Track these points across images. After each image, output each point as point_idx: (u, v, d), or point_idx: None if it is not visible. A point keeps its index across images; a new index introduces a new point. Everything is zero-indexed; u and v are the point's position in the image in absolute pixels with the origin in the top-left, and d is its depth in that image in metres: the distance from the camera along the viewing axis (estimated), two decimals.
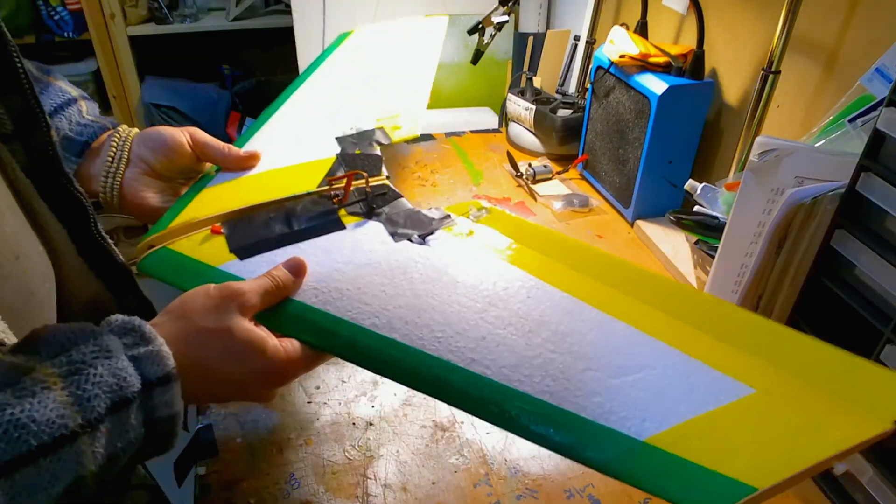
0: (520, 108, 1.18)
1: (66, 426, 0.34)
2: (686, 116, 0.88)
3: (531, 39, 1.56)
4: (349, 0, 1.59)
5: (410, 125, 0.74)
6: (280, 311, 0.50)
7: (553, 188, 1.06)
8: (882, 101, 0.51)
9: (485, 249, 0.56)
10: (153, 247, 0.57)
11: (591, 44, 1.18)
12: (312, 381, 0.68)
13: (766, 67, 0.76)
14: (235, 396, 0.48)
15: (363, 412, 0.65)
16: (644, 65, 0.90)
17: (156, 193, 0.61)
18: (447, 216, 0.59)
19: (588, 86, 1.05)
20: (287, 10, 1.80)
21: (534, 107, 1.15)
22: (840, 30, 0.73)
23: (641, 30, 0.99)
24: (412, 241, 0.57)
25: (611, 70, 0.96)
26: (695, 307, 0.49)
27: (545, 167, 1.08)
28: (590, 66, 1.10)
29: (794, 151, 0.58)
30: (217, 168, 0.65)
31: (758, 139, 0.60)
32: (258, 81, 2.43)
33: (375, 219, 0.60)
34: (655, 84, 0.86)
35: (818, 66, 0.77)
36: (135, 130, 0.62)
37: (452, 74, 1.70)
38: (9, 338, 0.37)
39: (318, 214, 0.60)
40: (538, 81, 1.25)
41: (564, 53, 1.40)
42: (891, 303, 0.48)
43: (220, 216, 0.59)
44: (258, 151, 0.65)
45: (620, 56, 0.91)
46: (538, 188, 1.05)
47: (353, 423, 0.63)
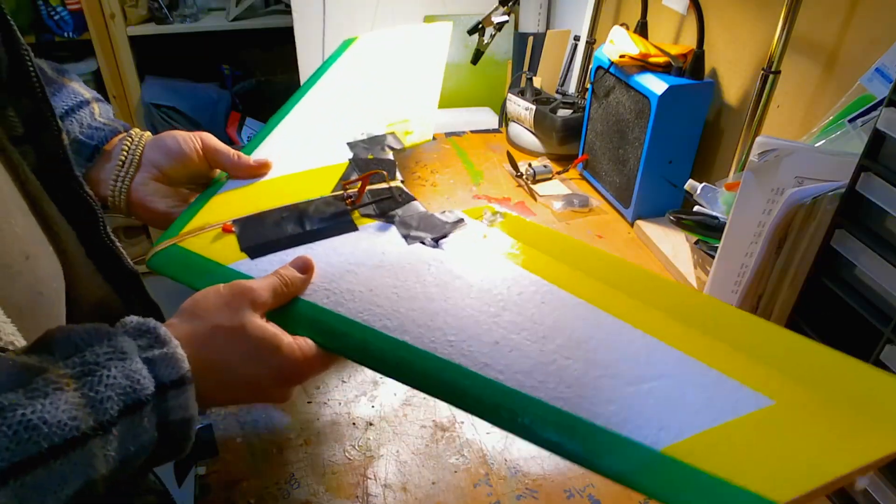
0: (520, 108, 1.18)
1: (78, 428, 0.33)
2: (686, 116, 0.88)
3: (531, 39, 1.56)
4: (349, 0, 1.59)
5: (422, 129, 0.75)
6: (292, 312, 0.50)
7: (553, 188, 1.06)
8: (882, 101, 0.51)
9: (499, 254, 0.55)
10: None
11: (591, 44, 1.18)
12: (312, 382, 0.68)
13: (766, 67, 0.76)
14: (252, 397, 0.47)
15: (363, 412, 0.65)
16: (644, 65, 0.90)
17: (164, 198, 0.61)
18: (461, 220, 0.59)
19: (588, 86, 1.05)
20: (287, 10, 1.80)
21: (534, 107, 1.15)
22: (840, 30, 0.73)
23: (641, 30, 0.99)
24: (425, 244, 0.57)
25: (611, 70, 0.96)
26: (710, 316, 0.48)
27: (545, 167, 1.08)
28: (590, 66, 1.10)
29: (794, 151, 0.58)
30: (227, 174, 0.65)
31: (758, 139, 0.60)
32: (258, 81, 2.43)
33: (388, 221, 0.59)
34: (655, 84, 0.86)
35: (818, 66, 0.77)
36: (147, 135, 0.62)
37: (452, 74, 1.70)
38: (17, 339, 0.37)
39: (331, 215, 0.60)
40: (538, 81, 1.25)
41: (564, 53, 1.40)
42: (891, 303, 0.48)
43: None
44: (269, 160, 0.65)
45: (620, 56, 0.91)
46: (538, 188, 1.05)
47: (353, 423, 0.63)
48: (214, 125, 2.19)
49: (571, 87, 1.34)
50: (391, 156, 0.70)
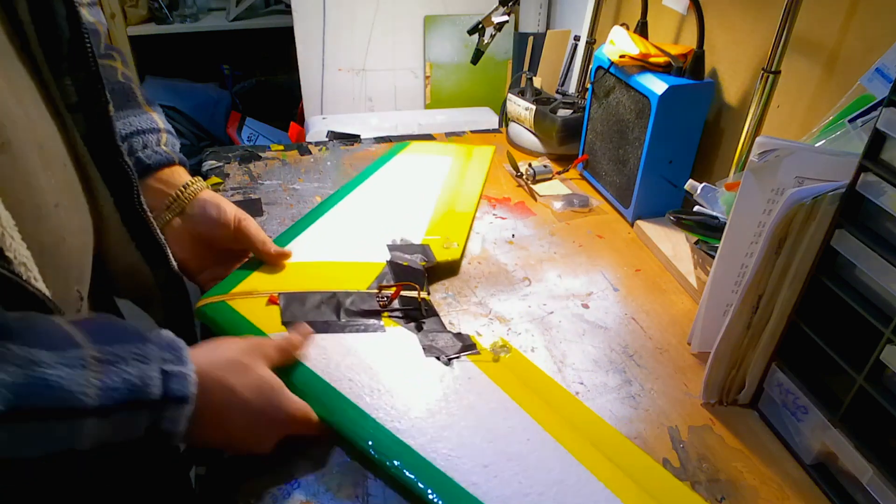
0: (520, 108, 1.18)
1: (83, 402, 0.38)
2: (686, 116, 0.88)
3: (531, 39, 1.56)
4: (349, 0, 1.59)
5: (453, 247, 0.85)
6: (313, 393, 0.57)
7: (553, 188, 1.06)
8: (882, 101, 0.51)
9: (498, 386, 0.61)
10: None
11: (591, 44, 1.18)
12: None
13: (766, 67, 0.76)
14: (242, 433, 0.52)
15: None
16: (644, 65, 0.90)
17: (184, 251, 0.68)
18: (472, 345, 0.66)
19: (588, 86, 1.05)
20: (287, 10, 1.81)
21: (534, 107, 1.15)
22: (840, 30, 0.73)
23: (641, 30, 0.99)
24: (439, 360, 0.64)
25: (611, 70, 0.96)
26: (664, 489, 0.53)
27: (545, 167, 1.08)
28: (590, 66, 1.10)
29: (794, 151, 0.58)
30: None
31: (758, 139, 0.60)
32: (258, 81, 2.43)
33: (413, 331, 0.67)
34: (655, 84, 0.86)
35: (818, 66, 0.77)
36: (204, 190, 0.69)
37: (452, 74, 1.70)
38: (34, 275, 0.41)
39: (364, 312, 0.68)
40: (538, 81, 1.25)
41: (564, 53, 1.41)
42: (891, 303, 0.48)
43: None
44: (289, 251, 0.74)
45: (620, 56, 0.91)
46: (538, 188, 1.05)
47: None
48: (214, 125, 2.19)
49: (571, 87, 1.34)
50: (422, 267, 0.78)
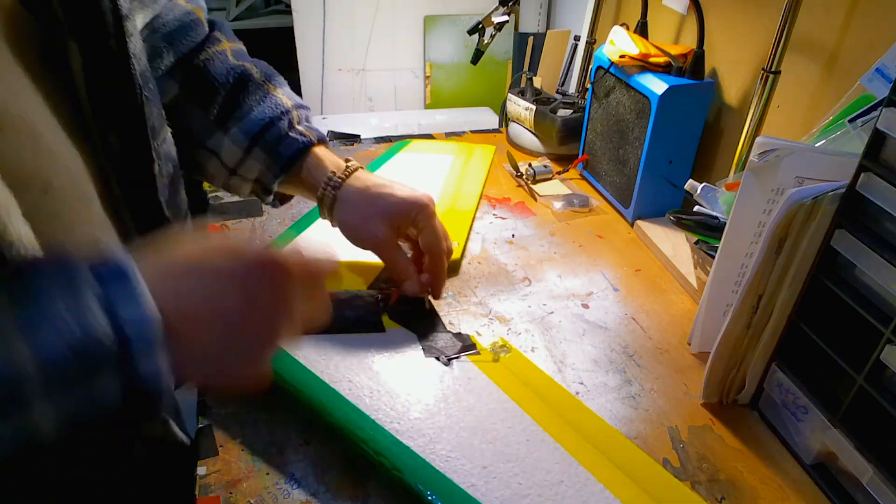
0: (520, 108, 1.18)
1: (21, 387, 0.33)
2: (686, 116, 0.88)
3: (531, 39, 1.56)
4: (349, 0, 1.59)
5: (454, 246, 0.82)
6: (313, 393, 0.56)
7: (553, 188, 1.06)
8: (882, 101, 0.51)
9: (498, 387, 0.61)
10: None
11: (591, 44, 1.18)
12: None
13: (766, 67, 0.76)
14: (221, 344, 0.41)
15: None
16: (644, 65, 0.90)
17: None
18: (472, 345, 0.66)
19: (588, 86, 1.05)
20: (287, 10, 1.81)
21: (534, 107, 1.15)
22: (840, 30, 0.73)
23: (641, 30, 0.99)
24: (439, 360, 0.64)
25: (611, 70, 0.96)
26: (665, 489, 0.53)
27: (545, 167, 1.08)
28: (590, 66, 1.10)
29: (794, 151, 0.58)
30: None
31: (758, 139, 0.60)
32: None
33: (412, 331, 0.67)
34: (655, 84, 0.86)
35: (818, 66, 0.77)
36: (354, 167, 0.68)
37: (452, 74, 1.70)
38: (12, 207, 0.37)
39: (364, 312, 0.68)
40: (538, 81, 1.25)
41: (564, 53, 1.41)
42: (891, 303, 0.48)
43: None
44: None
45: (620, 56, 0.91)
46: (538, 188, 1.05)
47: None
48: None
49: (571, 87, 1.34)
50: None
